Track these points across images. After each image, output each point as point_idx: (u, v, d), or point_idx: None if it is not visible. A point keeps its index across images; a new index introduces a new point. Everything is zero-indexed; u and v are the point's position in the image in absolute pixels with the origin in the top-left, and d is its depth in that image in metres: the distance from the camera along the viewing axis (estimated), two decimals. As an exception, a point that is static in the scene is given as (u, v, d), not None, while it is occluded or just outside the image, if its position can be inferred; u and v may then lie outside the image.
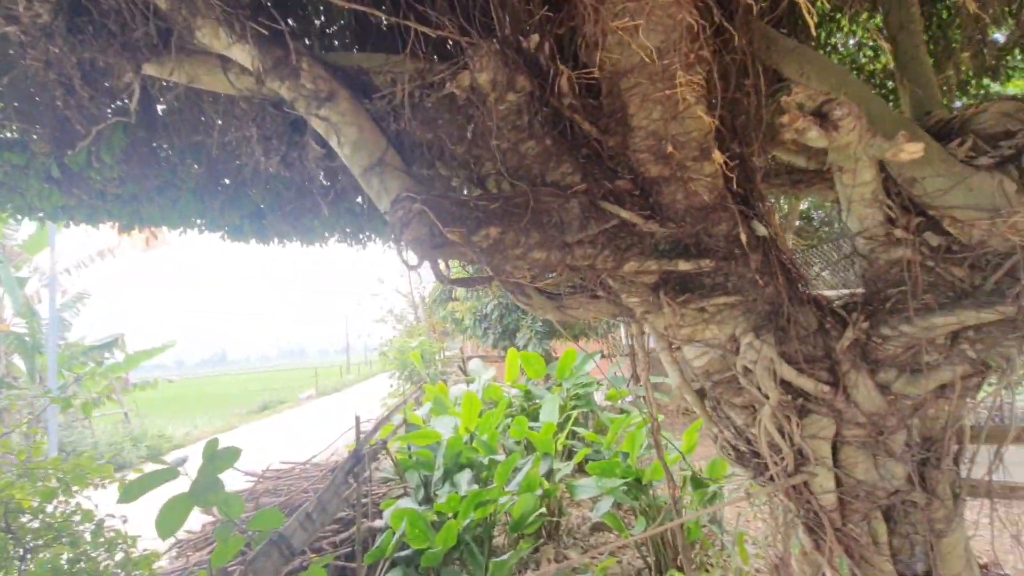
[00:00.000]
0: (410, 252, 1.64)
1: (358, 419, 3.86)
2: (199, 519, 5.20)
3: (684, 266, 1.86)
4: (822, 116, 1.76)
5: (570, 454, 6.70)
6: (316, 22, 2.67)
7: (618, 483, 4.72)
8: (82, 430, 11.32)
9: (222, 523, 2.42)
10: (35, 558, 2.55)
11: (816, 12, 2.76)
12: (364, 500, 4.68)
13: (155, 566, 2.81)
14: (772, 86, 2.26)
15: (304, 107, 1.92)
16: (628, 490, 4.75)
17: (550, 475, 5.42)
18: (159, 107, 2.77)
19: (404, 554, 4.35)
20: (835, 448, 2.01)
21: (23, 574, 2.44)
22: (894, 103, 3.44)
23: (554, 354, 8.94)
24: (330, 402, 19.73)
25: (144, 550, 2.86)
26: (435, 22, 1.83)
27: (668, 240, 1.90)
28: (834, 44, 3.71)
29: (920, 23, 2.46)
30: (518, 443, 6.39)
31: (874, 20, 3.61)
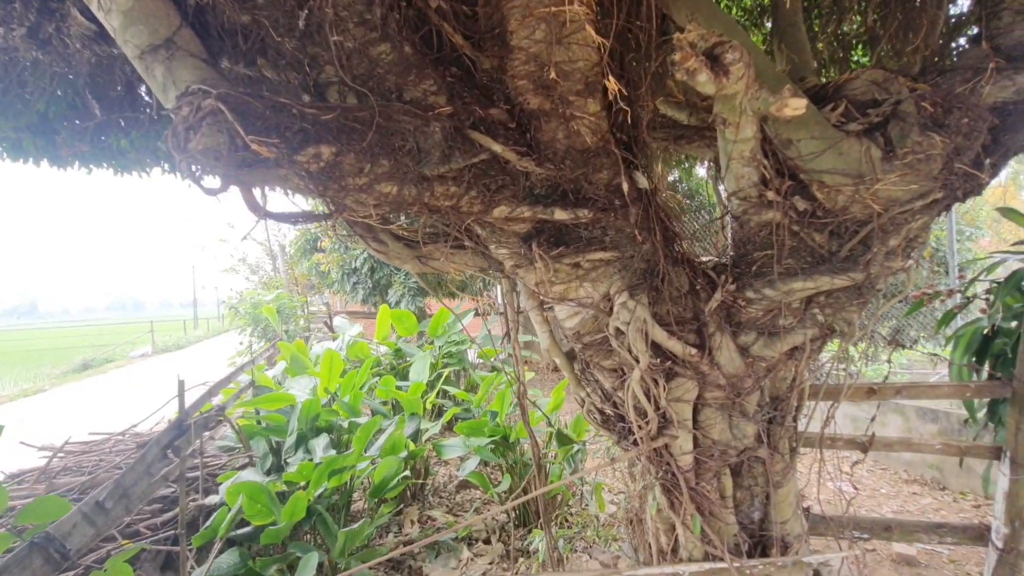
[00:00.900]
0: (205, 170, 1.19)
1: (182, 383, 3.23)
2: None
3: (561, 215, 1.63)
4: (713, 59, 1.61)
5: (440, 413, 6.55)
6: None
7: (485, 442, 4.65)
8: None
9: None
10: None
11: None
12: (195, 474, 4.06)
13: None
14: (661, 29, 2.09)
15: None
16: (495, 448, 4.71)
17: (417, 436, 5.20)
18: None
19: (244, 532, 3.86)
20: (695, 410, 2.00)
21: None
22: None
23: (429, 311, 8.61)
24: (169, 361, 17.26)
25: None
26: None
27: (545, 184, 1.65)
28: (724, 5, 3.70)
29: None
30: (385, 403, 6.07)
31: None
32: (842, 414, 5.58)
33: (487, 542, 4.56)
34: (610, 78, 1.43)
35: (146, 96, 2.75)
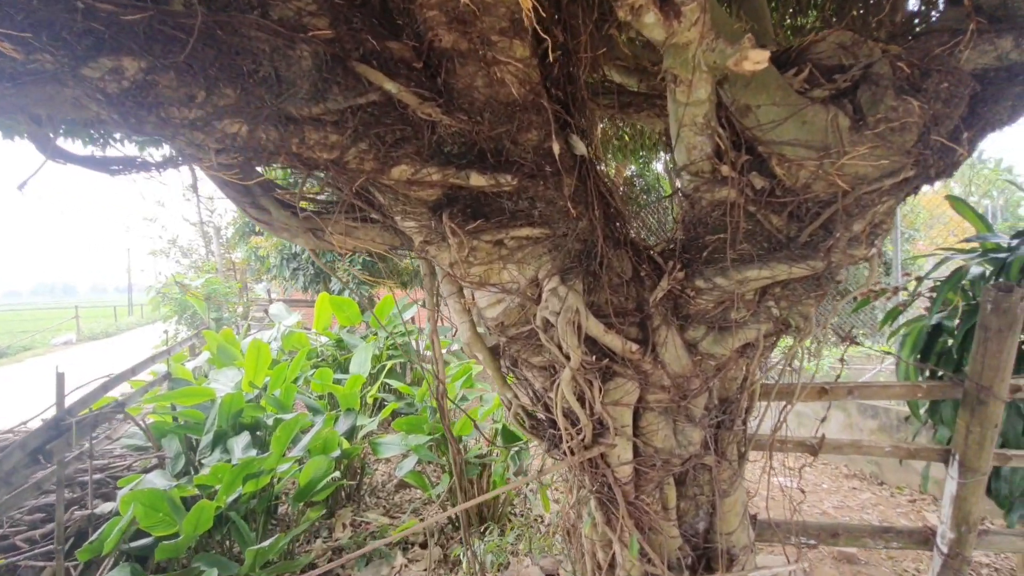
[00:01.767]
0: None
1: (61, 376, 2.77)
2: None
3: (478, 180, 1.33)
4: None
5: (382, 407, 6.17)
6: None
7: (424, 440, 4.33)
8: None
9: None
10: None
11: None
12: (84, 479, 3.58)
13: None
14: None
15: None
16: (435, 446, 4.41)
17: (353, 433, 4.84)
18: None
19: (141, 543, 3.42)
20: (636, 415, 1.75)
21: None
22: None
23: (377, 301, 8.16)
24: (95, 350, 15.92)
25: None
26: None
27: (458, 142, 1.34)
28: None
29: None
30: (321, 398, 5.65)
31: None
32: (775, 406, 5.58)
33: (424, 546, 4.27)
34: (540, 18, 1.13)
35: None
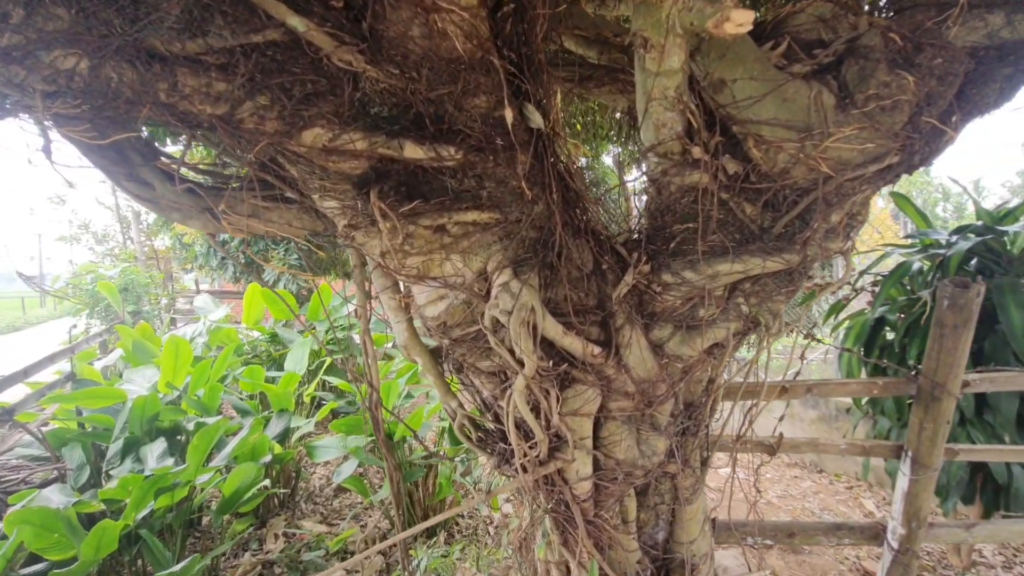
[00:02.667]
0: None
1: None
2: None
3: (414, 152, 1.09)
4: (635, -54, 1.14)
5: (322, 407, 5.79)
6: None
7: (365, 441, 4.04)
8: None
9: None
10: None
11: None
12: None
13: None
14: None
15: None
16: (376, 448, 4.13)
17: (286, 435, 4.47)
18: None
19: (34, 570, 2.99)
20: (596, 424, 1.57)
21: None
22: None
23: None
24: (-3, 345, 14.31)
25: None
26: None
27: (389, 102, 1.09)
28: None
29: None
30: (252, 398, 5.22)
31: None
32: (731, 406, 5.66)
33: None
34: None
35: None
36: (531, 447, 1.40)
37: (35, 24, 0.71)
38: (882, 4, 1.53)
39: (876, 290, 3.35)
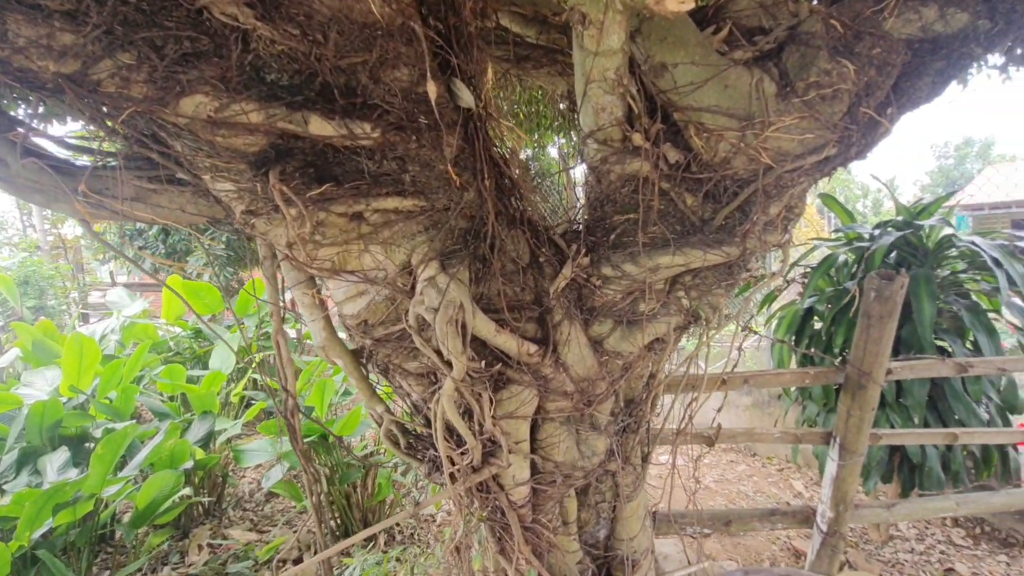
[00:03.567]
0: None
1: None
2: None
3: (322, 128, 0.95)
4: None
5: (250, 407, 5.45)
6: None
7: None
8: None
9: None
10: None
11: None
12: None
13: None
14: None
15: None
16: (313, 448, 3.90)
17: (210, 439, 4.16)
18: None
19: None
20: (533, 426, 1.49)
21: None
22: None
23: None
24: None
25: None
26: None
27: (290, 68, 0.94)
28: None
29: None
30: (172, 399, 4.84)
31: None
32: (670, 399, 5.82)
33: (298, 562, 3.78)
34: None
35: None
36: (463, 454, 1.29)
37: None
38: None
39: (806, 281, 3.47)
